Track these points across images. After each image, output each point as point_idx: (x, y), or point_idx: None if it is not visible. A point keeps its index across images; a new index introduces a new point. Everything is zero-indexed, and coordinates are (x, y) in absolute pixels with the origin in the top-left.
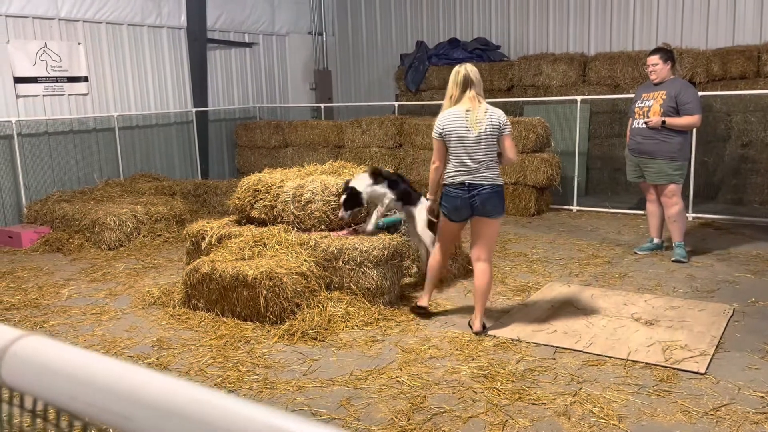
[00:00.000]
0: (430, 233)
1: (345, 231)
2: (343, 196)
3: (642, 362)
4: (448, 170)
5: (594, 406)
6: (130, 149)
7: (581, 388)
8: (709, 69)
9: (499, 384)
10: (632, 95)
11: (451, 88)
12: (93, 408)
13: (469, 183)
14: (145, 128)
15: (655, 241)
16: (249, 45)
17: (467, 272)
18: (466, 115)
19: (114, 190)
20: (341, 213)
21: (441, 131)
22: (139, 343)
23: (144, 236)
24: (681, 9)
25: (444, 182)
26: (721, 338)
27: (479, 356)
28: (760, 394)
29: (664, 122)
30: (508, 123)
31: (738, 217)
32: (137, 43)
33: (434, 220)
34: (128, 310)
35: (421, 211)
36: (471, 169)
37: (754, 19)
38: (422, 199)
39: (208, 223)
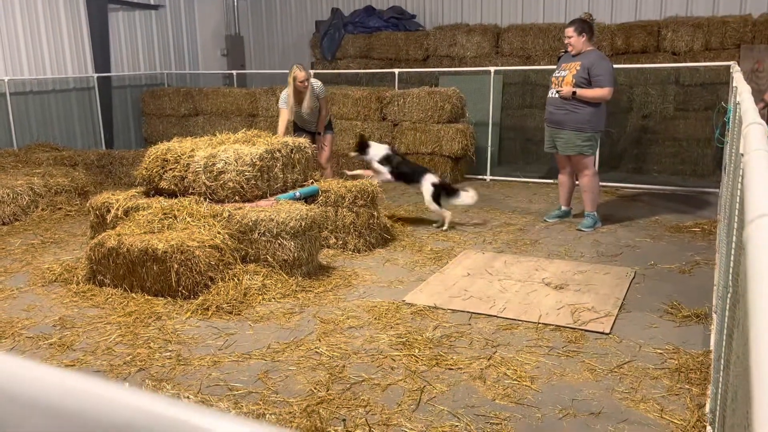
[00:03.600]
0: (435, 205)
1: (266, 201)
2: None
3: (552, 325)
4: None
5: (508, 369)
6: (24, 116)
7: (496, 351)
8: (613, 43)
9: (416, 351)
10: (543, 67)
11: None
12: None
13: None
14: (41, 94)
15: (563, 208)
16: (155, 7)
17: (385, 241)
18: None
19: (7, 160)
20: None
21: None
22: (39, 323)
23: (42, 210)
24: None
25: None
26: (624, 300)
27: (397, 324)
28: (659, 351)
29: (574, 93)
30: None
31: (639, 185)
32: (29, 0)
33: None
34: (26, 288)
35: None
36: None
37: None
38: (427, 175)
39: (113, 195)
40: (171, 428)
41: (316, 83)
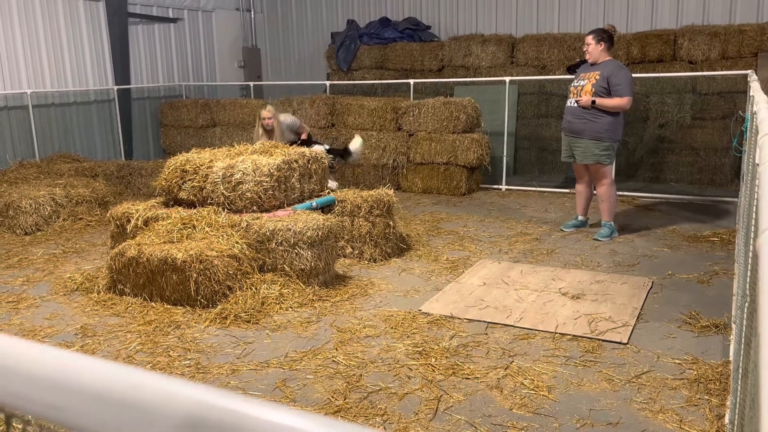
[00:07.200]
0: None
1: (283, 211)
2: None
3: (569, 334)
4: None
5: (525, 378)
6: (47, 128)
7: (512, 361)
8: (629, 52)
9: (433, 360)
10: (558, 76)
11: None
12: (16, 398)
13: None
14: (63, 106)
15: (580, 218)
16: (173, 20)
17: (401, 251)
18: None
19: (29, 171)
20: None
21: None
22: (62, 332)
23: (64, 220)
24: None
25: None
26: (641, 309)
27: (414, 334)
28: (677, 361)
29: (593, 101)
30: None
31: (656, 194)
32: (51, 15)
33: None
34: (48, 297)
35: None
36: None
37: (671, 4)
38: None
39: (133, 205)
40: (235, 421)
41: (288, 119)
